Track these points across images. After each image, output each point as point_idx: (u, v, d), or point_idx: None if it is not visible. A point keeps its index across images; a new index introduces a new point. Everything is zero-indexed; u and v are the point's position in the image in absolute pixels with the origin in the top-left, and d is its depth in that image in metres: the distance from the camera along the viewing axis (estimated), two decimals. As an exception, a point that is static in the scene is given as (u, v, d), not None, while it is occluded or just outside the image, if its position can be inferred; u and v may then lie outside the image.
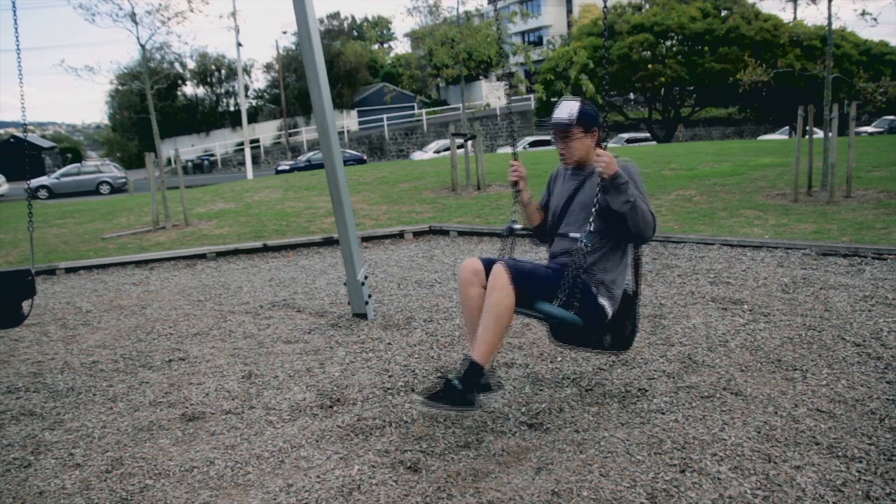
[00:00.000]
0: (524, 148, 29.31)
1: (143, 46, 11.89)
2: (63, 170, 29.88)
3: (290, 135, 39.00)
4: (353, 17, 60.64)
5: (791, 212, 7.60)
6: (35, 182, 26.92)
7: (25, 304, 4.12)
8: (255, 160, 35.45)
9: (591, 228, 2.84)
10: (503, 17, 19.88)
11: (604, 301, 2.95)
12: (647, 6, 34.29)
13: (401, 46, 61.83)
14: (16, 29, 4.05)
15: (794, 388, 3.20)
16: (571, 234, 3.03)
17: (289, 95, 40.79)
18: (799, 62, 25.36)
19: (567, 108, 3.01)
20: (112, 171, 29.36)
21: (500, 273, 2.77)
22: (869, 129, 28.92)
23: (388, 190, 12.12)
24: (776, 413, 2.95)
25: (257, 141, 38.59)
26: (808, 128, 8.30)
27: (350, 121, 41.43)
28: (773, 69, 10.83)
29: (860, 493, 2.35)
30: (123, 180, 27.86)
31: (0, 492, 2.70)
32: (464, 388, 2.71)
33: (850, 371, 3.35)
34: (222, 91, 44.68)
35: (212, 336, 4.64)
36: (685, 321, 4.23)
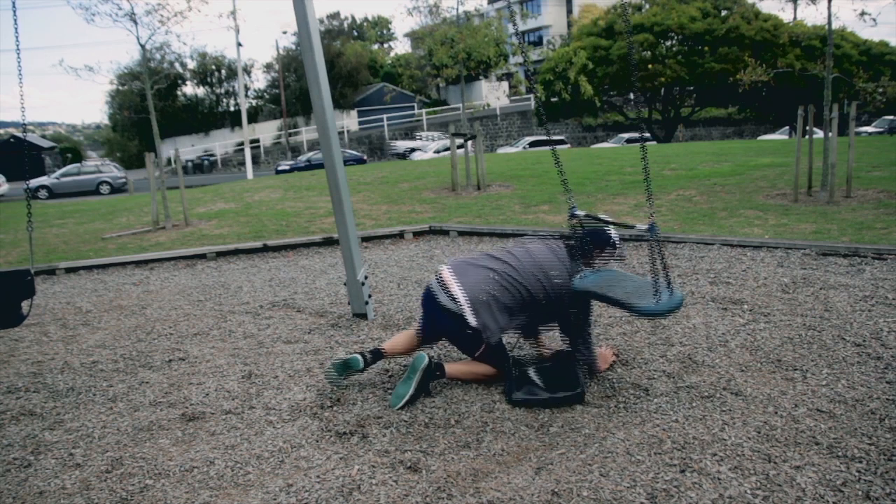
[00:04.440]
0: (524, 148, 29.30)
1: (142, 46, 11.89)
2: (63, 170, 29.87)
3: (290, 135, 39.00)
4: (353, 17, 60.74)
5: (791, 212, 7.60)
6: (35, 182, 26.91)
7: (25, 304, 4.12)
8: (255, 160, 35.46)
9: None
10: (502, 17, 19.91)
11: None
12: (647, 6, 34.28)
13: (401, 46, 61.92)
14: (16, 29, 4.05)
15: (794, 388, 3.20)
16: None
17: (289, 95, 40.78)
18: (799, 62, 25.37)
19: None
20: (112, 171, 29.36)
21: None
22: (869, 129, 28.91)
23: (388, 190, 12.12)
24: (776, 413, 2.95)
25: (257, 141, 38.60)
26: (808, 128, 8.30)
27: (350, 121, 41.45)
28: (773, 69, 10.84)
29: (860, 493, 2.35)
30: (123, 180, 27.86)
31: (0, 492, 2.70)
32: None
33: (850, 371, 3.35)
34: (222, 91, 44.65)
35: (212, 336, 4.64)
36: (685, 321, 4.23)
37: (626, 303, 2.90)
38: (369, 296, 4.77)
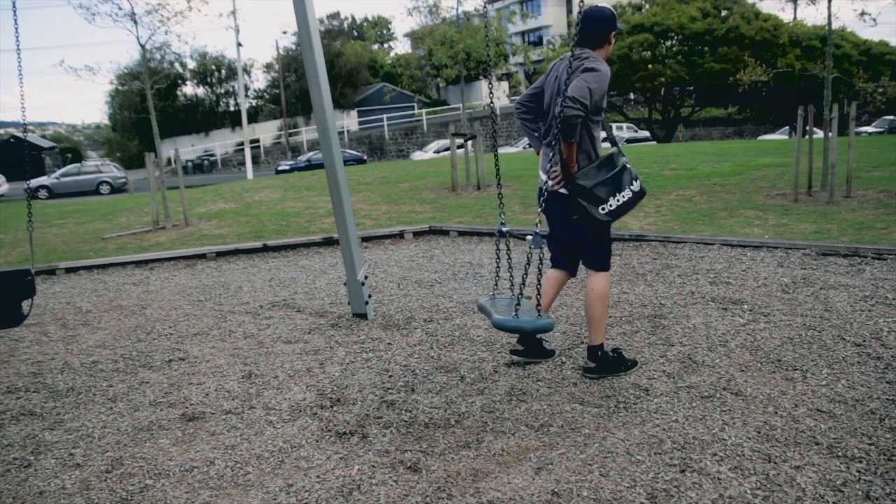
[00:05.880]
0: (524, 147, 29.30)
1: (142, 46, 11.90)
2: (63, 170, 29.87)
3: (290, 135, 38.99)
4: (353, 17, 60.70)
5: (791, 212, 7.60)
6: (35, 182, 26.91)
7: (25, 304, 4.12)
8: (255, 160, 35.45)
9: None
10: (502, 17, 19.93)
11: None
12: (647, 6, 34.28)
13: (401, 46, 61.87)
14: (16, 29, 4.05)
15: (794, 388, 3.20)
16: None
17: (289, 95, 40.76)
18: (799, 62, 25.35)
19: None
20: (112, 171, 29.35)
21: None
22: (869, 129, 28.93)
23: (388, 190, 12.12)
24: (776, 413, 2.95)
25: (257, 141, 38.59)
26: (808, 128, 8.31)
27: (350, 121, 41.43)
28: (773, 69, 10.84)
29: (860, 493, 2.35)
30: (123, 180, 27.86)
31: (0, 492, 2.70)
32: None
33: (850, 371, 3.35)
34: (222, 91, 44.63)
35: (212, 336, 4.64)
36: (685, 321, 4.23)
37: (487, 310, 3.10)
38: (369, 296, 4.77)
